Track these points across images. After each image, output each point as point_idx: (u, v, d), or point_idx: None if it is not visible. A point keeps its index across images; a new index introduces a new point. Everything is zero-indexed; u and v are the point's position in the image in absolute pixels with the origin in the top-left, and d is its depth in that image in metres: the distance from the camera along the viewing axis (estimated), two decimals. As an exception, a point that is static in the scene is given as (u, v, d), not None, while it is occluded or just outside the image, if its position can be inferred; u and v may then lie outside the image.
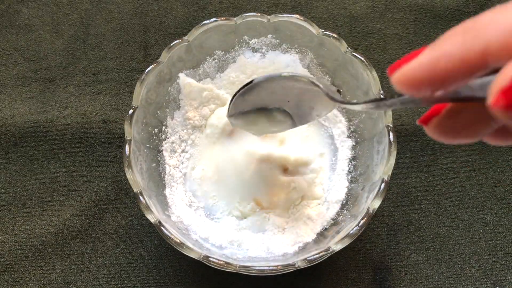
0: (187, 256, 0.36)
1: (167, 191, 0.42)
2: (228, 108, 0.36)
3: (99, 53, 0.48)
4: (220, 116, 0.44)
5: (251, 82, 0.34)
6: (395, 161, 0.38)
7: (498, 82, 0.17)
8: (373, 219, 0.45)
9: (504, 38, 0.17)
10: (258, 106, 0.36)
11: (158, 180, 0.42)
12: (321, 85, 0.31)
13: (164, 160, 0.43)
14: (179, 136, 0.44)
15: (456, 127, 0.22)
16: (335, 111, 0.44)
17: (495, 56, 0.17)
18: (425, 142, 0.47)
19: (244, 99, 0.35)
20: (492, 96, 0.17)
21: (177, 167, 0.43)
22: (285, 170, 0.44)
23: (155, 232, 0.37)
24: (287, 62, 0.44)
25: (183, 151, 0.44)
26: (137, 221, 0.44)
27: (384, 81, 0.41)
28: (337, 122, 0.44)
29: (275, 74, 0.33)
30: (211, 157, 0.44)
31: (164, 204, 0.40)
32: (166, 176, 0.42)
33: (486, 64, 0.17)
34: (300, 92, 0.33)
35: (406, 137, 0.46)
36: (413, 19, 0.49)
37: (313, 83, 0.32)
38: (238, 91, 0.34)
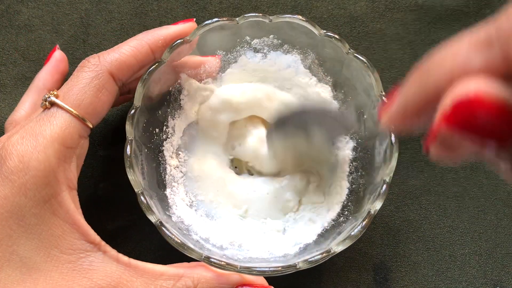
0: (188, 256, 0.36)
1: (167, 191, 0.42)
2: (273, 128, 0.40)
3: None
4: (212, 110, 0.44)
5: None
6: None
7: (438, 113, 0.21)
8: (373, 219, 0.45)
9: (450, 79, 0.20)
10: (296, 124, 0.39)
11: (159, 180, 0.41)
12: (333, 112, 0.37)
13: (165, 160, 0.43)
14: (180, 136, 0.44)
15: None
16: None
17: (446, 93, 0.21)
18: (425, 142, 0.47)
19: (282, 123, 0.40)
20: (436, 124, 0.21)
21: (178, 167, 0.43)
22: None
23: (155, 232, 0.36)
24: (288, 63, 0.44)
25: (183, 151, 0.44)
26: (137, 222, 0.44)
27: (385, 81, 0.41)
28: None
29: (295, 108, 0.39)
30: (211, 158, 0.44)
31: (164, 204, 0.40)
32: (166, 176, 0.42)
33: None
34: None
35: (407, 137, 0.46)
36: (413, 19, 0.49)
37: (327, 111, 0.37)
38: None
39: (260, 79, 0.45)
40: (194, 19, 0.40)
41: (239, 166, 0.45)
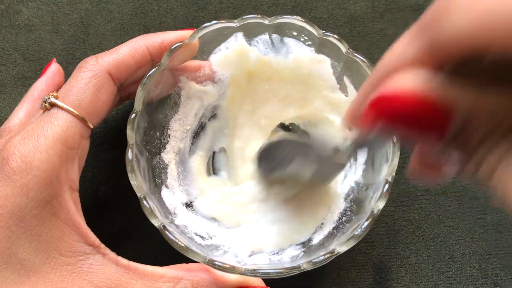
0: (188, 258, 0.36)
1: (169, 195, 0.41)
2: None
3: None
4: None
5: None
6: (396, 161, 0.38)
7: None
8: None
9: (387, 74, 0.22)
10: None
11: (160, 183, 0.41)
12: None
13: (166, 163, 0.42)
14: (180, 139, 0.44)
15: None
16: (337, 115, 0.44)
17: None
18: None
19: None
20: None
21: (178, 170, 0.43)
22: None
23: (155, 234, 0.36)
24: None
25: (184, 154, 0.44)
26: (137, 224, 0.44)
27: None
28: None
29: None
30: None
31: (166, 207, 0.40)
32: (168, 180, 0.42)
33: None
34: None
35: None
36: (414, 19, 0.49)
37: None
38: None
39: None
40: (195, 29, 0.40)
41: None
